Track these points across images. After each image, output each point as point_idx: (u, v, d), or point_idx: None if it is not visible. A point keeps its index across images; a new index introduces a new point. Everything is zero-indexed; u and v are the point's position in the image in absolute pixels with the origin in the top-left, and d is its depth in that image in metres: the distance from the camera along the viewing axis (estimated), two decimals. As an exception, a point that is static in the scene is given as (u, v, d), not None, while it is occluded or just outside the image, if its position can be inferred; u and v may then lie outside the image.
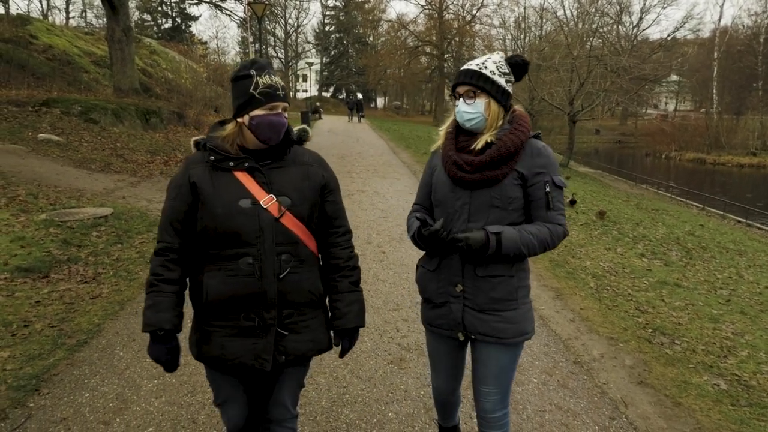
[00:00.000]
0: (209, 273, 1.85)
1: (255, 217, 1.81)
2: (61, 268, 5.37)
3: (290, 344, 1.90)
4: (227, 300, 1.83)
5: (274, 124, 1.83)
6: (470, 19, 47.18)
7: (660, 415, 3.26)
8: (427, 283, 2.18)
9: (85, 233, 6.44)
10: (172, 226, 1.88)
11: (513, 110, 2.09)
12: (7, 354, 3.63)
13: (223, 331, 1.87)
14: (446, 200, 2.08)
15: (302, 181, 1.93)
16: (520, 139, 1.98)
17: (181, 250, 1.90)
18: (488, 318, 2.04)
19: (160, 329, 1.83)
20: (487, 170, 1.97)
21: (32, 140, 11.86)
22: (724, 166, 36.73)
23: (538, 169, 2.00)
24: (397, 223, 7.80)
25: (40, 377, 3.36)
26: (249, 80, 1.81)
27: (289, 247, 1.86)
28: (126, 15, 18.50)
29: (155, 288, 1.86)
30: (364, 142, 21.12)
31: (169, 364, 1.92)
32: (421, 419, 3.09)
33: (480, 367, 2.14)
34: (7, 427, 2.87)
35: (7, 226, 6.38)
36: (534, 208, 2.03)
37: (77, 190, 8.99)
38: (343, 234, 2.06)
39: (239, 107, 1.85)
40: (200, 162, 1.88)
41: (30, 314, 4.30)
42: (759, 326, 5.03)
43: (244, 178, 1.85)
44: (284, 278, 1.85)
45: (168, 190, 1.93)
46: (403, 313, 4.64)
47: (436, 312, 2.15)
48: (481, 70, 2.01)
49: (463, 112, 2.03)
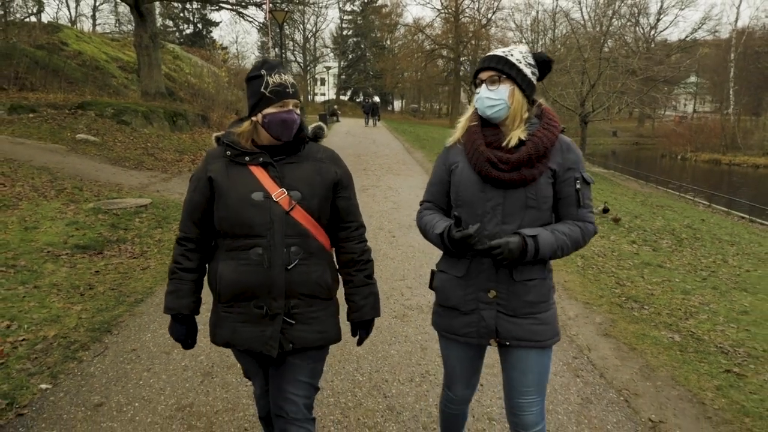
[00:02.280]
0: (223, 262, 1.95)
1: (266, 209, 1.89)
2: (112, 247, 6.19)
3: (296, 333, 1.96)
4: (239, 288, 1.92)
5: (286, 121, 1.89)
6: (486, 22, 47.75)
7: (616, 357, 3.94)
8: (452, 290, 2.03)
9: (129, 219, 7.27)
10: (191, 217, 2.00)
11: (539, 104, 2.01)
12: (80, 307, 4.43)
13: (234, 317, 1.97)
14: (475, 200, 1.95)
15: (314, 176, 1.98)
16: (554, 134, 1.92)
17: (199, 240, 2.02)
18: (524, 322, 1.96)
19: (179, 313, 2.02)
20: (524, 169, 1.88)
21: (71, 140, 12.80)
22: (740, 167, 36.81)
23: (569, 165, 1.94)
24: (407, 213, 8.53)
25: (109, 323, 4.15)
26: (260, 80, 1.90)
27: (298, 239, 1.93)
28: (153, 22, 19.46)
29: (176, 276, 2.02)
30: (380, 143, 21.87)
31: (186, 343, 2.11)
32: (417, 355, 3.81)
33: (519, 377, 2.02)
34: (91, 354, 3.66)
35: (61, 213, 7.23)
36: (564, 205, 1.97)
37: (116, 184, 9.85)
38: (356, 229, 2.11)
39: (252, 106, 1.94)
40: (219, 156, 1.98)
41: (92, 280, 5.10)
42: (726, 299, 5.65)
43: (258, 172, 1.92)
44: (292, 269, 1.91)
45: (190, 182, 2.04)
46: (407, 282, 5.36)
47: (462, 320, 2.02)
48: (506, 56, 1.93)
49: (484, 98, 1.93)
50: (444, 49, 50.32)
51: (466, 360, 2.13)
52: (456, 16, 47.50)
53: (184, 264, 2.02)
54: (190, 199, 2.01)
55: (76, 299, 4.62)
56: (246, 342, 1.97)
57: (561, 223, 1.97)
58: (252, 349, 1.97)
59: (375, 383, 3.40)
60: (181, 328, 2.07)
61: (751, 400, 3.39)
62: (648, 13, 53.90)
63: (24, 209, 7.19)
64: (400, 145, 21.77)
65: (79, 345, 3.77)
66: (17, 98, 15.59)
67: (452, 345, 2.11)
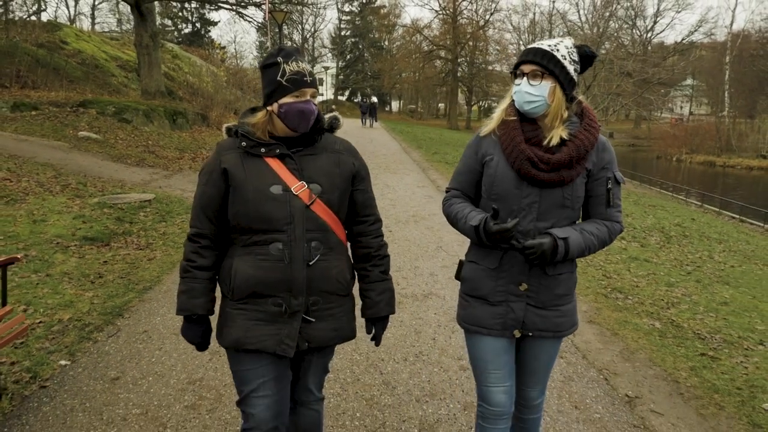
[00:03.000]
0: (239, 257, 1.87)
1: (286, 203, 1.82)
2: (119, 239, 6.41)
3: (314, 332, 1.91)
4: (256, 284, 1.84)
5: (303, 112, 1.82)
6: (483, 23, 48.02)
7: (599, 341, 4.19)
8: (482, 281, 2.02)
9: (134, 213, 7.49)
10: (204, 211, 1.90)
11: (578, 101, 1.97)
12: (92, 294, 4.66)
13: (248, 315, 1.88)
14: (510, 196, 1.93)
15: (333, 168, 1.92)
16: (595, 136, 1.90)
17: (213, 235, 1.92)
18: (549, 314, 1.98)
19: (193, 314, 1.90)
20: (564, 170, 1.87)
21: (73, 137, 13.01)
22: (734, 169, 37.16)
23: (604, 164, 1.93)
24: (403, 210, 8.77)
25: (120, 308, 4.38)
26: (276, 68, 1.82)
27: (318, 234, 1.87)
28: (153, 22, 19.66)
29: (189, 274, 1.91)
30: (377, 143, 22.11)
31: (201, 345, 2.01)
32: (411, 337, 4.05)
33: (531, 362, 2.10)
34: (105, 335, 3.89)
35: (67, 207, 7.45)
36: (593, 204, 1.97)
37: (119, 180, 10.07)
38: (374, 223, 2.06)
39: (268, 95, 1.85)
40: (232, 148, 1.89)
41: (101, 270, 5.33)
42: (708, 291, 5.91)
43: (275, 165, 1.85)
44: (313, 265, 1.86)
45: (200, 176, 1.94)
46: (403, 273, 5.59)
47: (489, 311, 2.01)
48: (552, 51, 1.87)
49: (525, 92, 1.88)
50: (442, 50, 50.58)
51: (500, 352, 2.03)
52: (454, 17, 47.75)
53: (198, 261, 1.91)
54: (203, 192, 1.90)
55: (87, 286, 4.85)
56: (259, 341, 1.86)
57: (589, 222, 1.97)
58: (264, 349, 1.86)
59: (372, 362, 3.64)
60: (197, 329, 1.95)
61: (721, 380, 3.64)
62: (645, 16, 54.38)
63: (31, 203, 7.40)
64: (397, 145, 22.02)
65: (93, 327, 4.01)
66: (19, 96, 15.81)
67: (480, 339, 2.05)
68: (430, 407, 3.13)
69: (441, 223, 8.01)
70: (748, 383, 3.61)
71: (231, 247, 1.94)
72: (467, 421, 2.98)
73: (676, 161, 42.01)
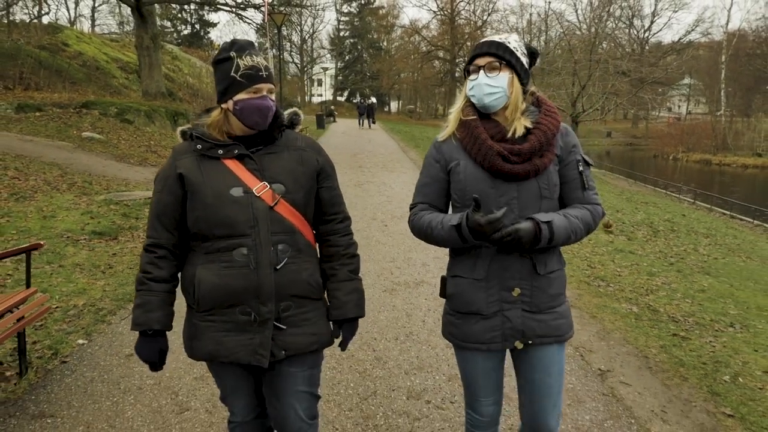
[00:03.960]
0: (202, 266, 1.78)
1: (248, 205, 1.75)
2: (125, 233, 6.71)
3: (289, 338, 1.82)
4: (221, 293, 1.76)
5: (260, 108, 1.75)
6: (481, 24, 48.35)
7: (578, 323, 4.48)
8: (472, 294, 1.91)
9: (140, 209, 7.79)
10: (160, 220, 1.81)
11: (531, 92, 1.95)
12: (103, 282, 4.96)
13: (217, 326, 1.80)
14: (486, 197, 1.84)
15: (296, 166, 1.85)
16: (557, 120, 1.88)
17: (170, 245, 1.82)
18: (546, 317, 1.90)
19: (149, 329, 1.80)
20: (536, 159, 1.83)
21: (77, 138, 13.30)
22: (729, 167, 37.49)
23: (570, 148, 1.91)
24: (399, 206, 9.08)
25: (131, 295, 4.67)
26: (229, 63, 1.74)
27: (285, 236, 1.80)
28: (154, 24, 19.97)
29: (145, 286, 1.81)
30: (375, 143, 22.41)
31: (156, 365, 1.88)
32: (402, 320, 4.35)
33: (543, 378, 1.94)
34: (118, 318, 4.20)
35: (75, 204, 7.74)
36: (569, 189, 1.92)
37: (123, 179, 10.36)
38: (342, 221, 1.99)
39: (222, 92, 1.78)
40: (187, 152, 1.80)
41: (111, 261, 5.62)
42: (688, 280, 6.21)
43: (234, 166, 1.78)
44: (281, 269, 1.78)
45: (155, 183, 1.85)
46: (396, 263, 5.90)
47: (484, 325, 1.91)
48: (505, 42, 1.86)
49: (484, 84, 1.83)
50: (440, 51, 50.92)
51: (490, 371, 1.99)
52: (452, 18, 48.13)
53: (154, 273, 1.80)
54: (158, 200, 1.81)
55: (98, 276, 5.15)
56: (232, 353, 1.79)
57: (570, 207, 1.91)
58: (238, 360, 1.80)
59: (365, 341, 3.94)
60: (153, 346, 1.83)
61: (689, 356, 3.94)
62: (642, 16, 54.73)
63: (40, 200, 7.70)
64: (395, 145, 22.32)
65: (107, 311, 4.31)
66: (23, 97, 16.09)
67: (473, 356, 1.97)
68: (417, 378, 3.42)
69: (435, 218, 8.31)
70: (713, 359, 3.90)
71: (191, 255, 1.85)
72: (451, 390, 3.28)
73: (673, 160, 42.33)
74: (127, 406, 3.00)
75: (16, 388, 3.12)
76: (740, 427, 3.04)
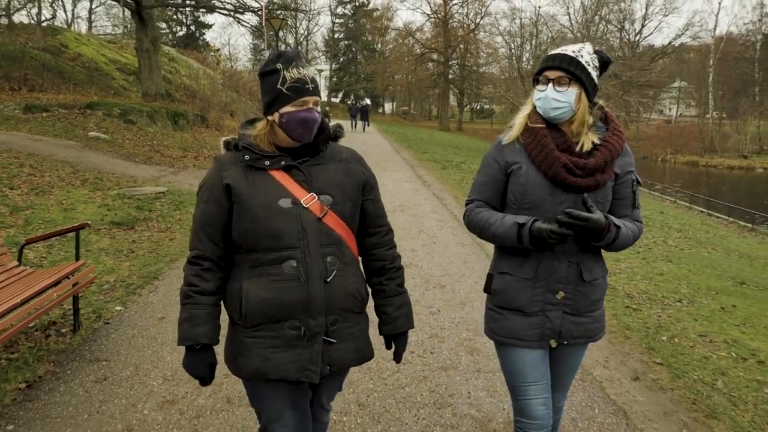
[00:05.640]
0: (249, 279, 1.75)
1: (296, 217, 1.73)
2: (141, 224, 7.35)
3: (336, 354, 1.80)
4: (271, 307, 1.73)
5: (306, 120, 1.73)
6: (474, 27, 49.13)
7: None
8: (517, 292, 1.98)
9: (151, 203, 8.44)
10: (205, 231, 1.78)
11: (599, 106, 1.99)
12: (128, 264, 5.61)
13: (264, 342, 1.75)
14: (544, 203, 1.90)
15: (343, 178, 1.84)
16: (622, 140, 1.94)
17: (215, 257, 1.79)
18: (583, 320, 1.98)
19: (197, 344, 1.75)
20: (598, 174, 1.88)
21: (84, 137, 13.90)
22: (716, 168, 38.47)
23: (628, 167, 1.96)
24: (391, 201, 9.74)
25: (155, 273, 5.34)
26: (276, 75, 1.74)
27: (333, 248, 1.77)
28: (153, 26, 20.53)
29: (191, 300, 1.77)
30: (370, 144, 23.11)
31: (205, 380, 1.85)
32: (392, 294, 5.02)
33: (565, 371, 2.13)
34: (147, 291, 4.86)
35: (90, 198, 8.38)
36: (620, 206, 1.97)
37: (131, 176, 10.99)
38: (386, 234, 1.97)
39: (268, 104, 1.77)
40: (233, 163, 1.79)
41: (132, 247, 6.27)
42: (650, 266, 6.91)
43: (281, 177, 1.76)
44: (331, 282, 1.75)
45: (199, 193, 1.82)
46: (388, 249, 6.57)
47: (525, 322, 1.98)
48: (578, 57, 1.87)
49: (552, 98, 1.87)
50: (434, 53, 51.65)
51: (541, 361, 2.02)
52: (445, 20, 48.84)
53: (200, 286, 1.77)
54: (203, 210, 1.79)
55: (123, 259, 5.79)
56: (280, 370, 1.74)
57: (626, 219, 1.97)
58: (287, 377, 1.75)
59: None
60: (202, 361, 1.80)
61: (636, 322, 4.63)
62: (633, 19, 55.71)
63: (58, 195, 8.32)
64: (389, 145, 23.04)
65: (136, 285, 4.96)
66: (30, 98, 16.66)
67: (514, 351, 2.02)
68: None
69: (424, 212, 9.00)
70: (656, 325, 4.60)
71: (236, 269, 1.82)
72: (432, 345, 3.95)
73: (661, 161, 43.28)
74: (166, 354, 3.66)
75: (72, 341, 3.78)
76: (666, 371, 3.73)
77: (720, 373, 3.74)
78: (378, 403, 3.18)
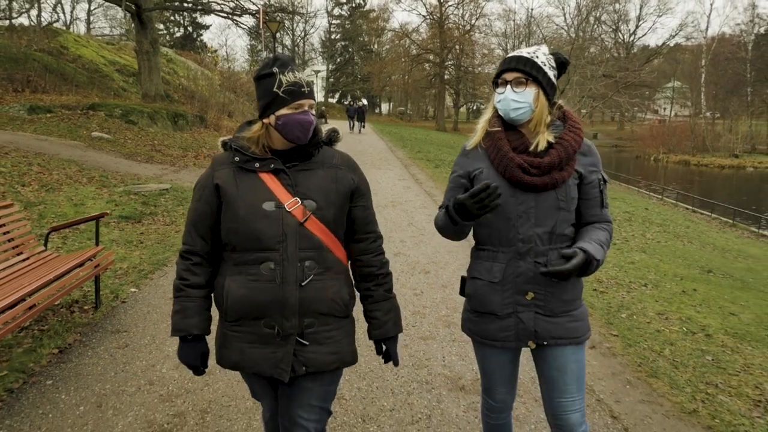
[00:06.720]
0: (231, 276, 1.83)
1: (278, 220, 1.78)
2: (147, 218, 7.83)
3: (311, 355, 1.84)
4: (247, 305, 1.80)
5: (302, 123, 1.79)
6: (469, 28, 49.64)
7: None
8: (488, 295, 2.02)
9: (156, 198, 8.91)
10: (195, 228, 1.88)
11: (559, 105, 2.03)
12: (138, 252, 6.09)
13: (242, 337, 1.84)
14: (507, 204, 1.94)
15: (330, 184, 1.87)
16: (580, 137, 1.95)
17: (204, 253, 1.88)
18: (561, 320, 1.98)
19: (189, 334, 1.85)
20: (555, 172, 1.90)
21: (87, 137, 14.36)
22: (707, 167, 39.06)
23: (592, 167, 1.98)
24: (384, 197, 10.25)
25: (164, 260, 5.82)
26: (272, 79, 1.78)
27: (313, 253, 1.81)
28: (153, 29, 21.00)
29: (182, 293, 1.86)
30: (365, 143, 23.61)
31: (198, 369, 1.93)
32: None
33: (560, 376, 2.01)
34: (157, 276, 5.34)
35: (98, 194, 8.85)
36: (588, 206, 1.99)
37: (134, 174, 11.45)
38: (375, 240, 2.00)
39: (264, 107, 1.82)
40: (225, 163, 1.86)
41: (141, 237, 6.75)
42: (624, 256, 7.41)
43: (269, 180, 1.81)
44: (306, 285, 1.80)
45: (194, 191, 1.91)
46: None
47: (498, 324, 2.02)
48: (533, 58, 1.93)
49: (510, 99, 1.92)
50: (430, 54, 52.14)
51: (505, 364, 2.12)
52: (441, 22, 49.34)
53: (191, 279, 1.87)
54: (195, 208, 1.88)
55: (132, 248, 6.27)
56: (255, 365, 1.84)
57: (594, 229, 1.98)
58: (261, 373, 1.85)
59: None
60: (194, 350, 1.89)
61: (600, 302, 5.13)
62: (627, 20, 56.36)
63: (67, 191, 8.79)
64: (384, 145, 23.53)
65: (147, 271, 5.44)
66: (33, 100, 17.12)
67: (489, 351, 2.10)
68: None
69: (414, 207, 9.50)
70: (618, 304, 5.09)
71: (223, 264, 1.90)
72: (414, 320, 4.44)
73: (654, 161, 43.85)
74: (178, 327, 4.14)
75: (94, 316, 4.27)
76: (619, 341, 4.23)
77: (668, 344, 4.23)
78: (364, 365, 3.67)
